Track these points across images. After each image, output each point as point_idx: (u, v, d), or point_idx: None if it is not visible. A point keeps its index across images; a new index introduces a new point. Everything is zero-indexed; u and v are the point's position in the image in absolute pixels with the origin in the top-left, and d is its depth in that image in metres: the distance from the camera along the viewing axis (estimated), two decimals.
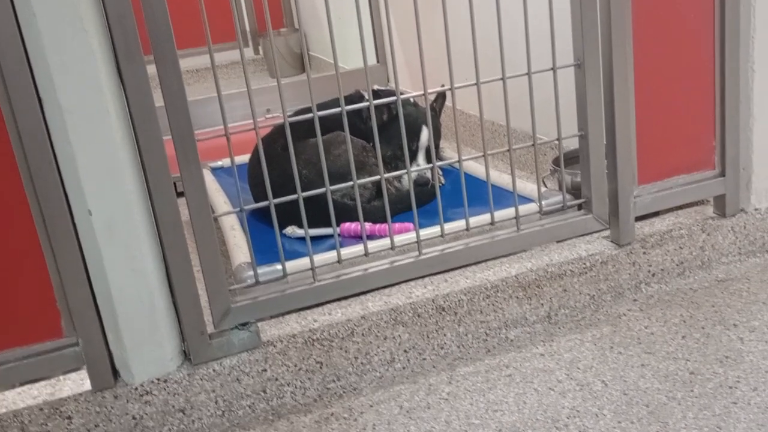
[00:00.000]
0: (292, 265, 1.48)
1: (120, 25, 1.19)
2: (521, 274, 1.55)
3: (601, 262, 1.60)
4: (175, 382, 1.35)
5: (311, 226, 1.44)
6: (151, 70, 1.22)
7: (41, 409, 1.30)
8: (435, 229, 1.54)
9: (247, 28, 4.80)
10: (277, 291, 1.43)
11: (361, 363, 1.47)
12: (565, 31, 1.51)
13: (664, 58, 1.56)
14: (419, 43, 1.41)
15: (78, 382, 1.34)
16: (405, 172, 1.52)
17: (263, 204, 1.40)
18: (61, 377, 1.36)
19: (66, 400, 1.31)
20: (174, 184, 1.29)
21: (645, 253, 1.63)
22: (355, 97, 2.06)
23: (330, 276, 1.46)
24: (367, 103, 1.45)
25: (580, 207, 1.63)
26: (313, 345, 1.42)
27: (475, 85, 1.46)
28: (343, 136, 1.81)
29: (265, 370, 1.40)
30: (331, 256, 1.50)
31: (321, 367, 1.44)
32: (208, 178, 2.24)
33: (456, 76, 1.44)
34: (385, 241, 1.52)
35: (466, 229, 1.55)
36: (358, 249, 1.50)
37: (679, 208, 1.73)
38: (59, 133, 1.19)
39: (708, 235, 1.67)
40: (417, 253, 1.50)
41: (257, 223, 1.80)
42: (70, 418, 1.31)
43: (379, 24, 3.40)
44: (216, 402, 1.38)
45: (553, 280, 1.57)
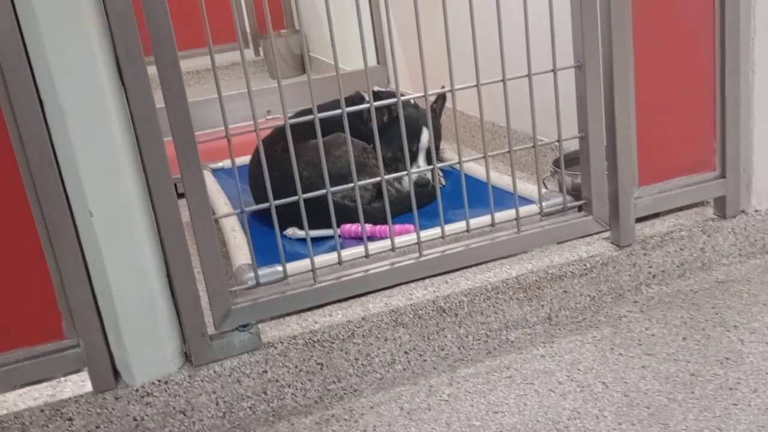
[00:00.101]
0: (292, 266, 1.48)
1: (121, 27, 1.19)
2: (522, 275, 1.55)
3: (601, 264, 1.60)
4: (175, 383, 1.35)
5: (312, 227, 1.44)
6: (151, 71, 1.23)
7: (42, 410, 1.30)
8: (435, 231, 1.54)
9: (248, 30, 4.80)
10: (277, 292, 1.43)
11: (362, 364, 1.47)
12: (566, 32, 1.51)
13: (664, 59, 1.56)
14: (419, 45, 1.41)
15: (79, 384, 1.34)
16: (405, 173, 1.52)
17: (264, 206, 1.40)
18: (62, 379, 1.36)
19: (67, 401, 1.31)
20: (174, 185, 1.29)
21: (645, 254, 1.63)
22: (355, 99, 2.06)
23: (330, 277, 1.46)
24: (367, 105, 1.45)
25: (580, 208, 1.63)
26: (313, 346, 1.43)
27: (475, 86, 1.46)
28: (344, 137, 1.81)
29: (265, 372, 1.40)
30: (332, 257, 1.50)
31: (321, 369, 1.44)
32: (209, 179, 2.24)
33: (456, 78, 1.44)
34: (386, 243, 1.52)
35: (467, 230, 1.55)
36: (358, 250, 1.50)
37: (680, 209, 1.73)
38: (60, 135, 1.19)
39: (708, 236, 1.67)
40: (417, 254, 1.50)
41: (258, 225, 1.80)
42: (71, 419, 1.31)
43: (380, 25, 3.40)
44: (217, 403, 1.38)
45: (554, 282, 1.57)
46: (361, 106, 1.50)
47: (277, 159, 1.76)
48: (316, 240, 1.66)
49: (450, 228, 1.55)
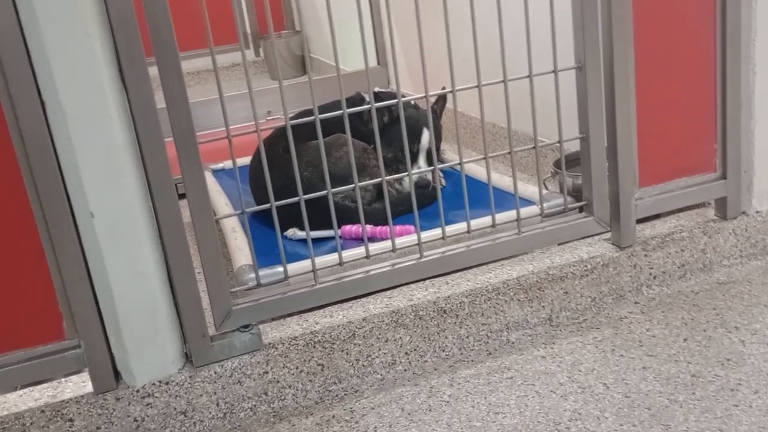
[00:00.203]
0: (293, 267, 1.48)
1: (122, 28, 1.19)
2: (522, 276, 1.55)
3: (602, 265, 1.60)
4: (176, 384, 1.35)
5: (312, 228, 1.44)
6: (152, 71, 1.23)
7: (43, 411, 1.30)
8: (436, 232, 1.54)
9: (248, 31, 4.80)
10: (278, 293, 1.43)
11: (363, 365, 1.47)
12: (566, 33, 1.51)
13: (665, 60, 1.56)
14: (420, 46, 1.41)
15: (80, 385, 1.34)
16: (406, 174, 1.52)
17: (265, 206, 1.40)
18: (62, 379, 1.36)
19: (67, 402, 1.31)
20: (175, 185, 1.29)
21: (646, 255, 1.63)
22: (355, 99, 2.06)
23: (331, 278, 1.46)
24: (368, 106, 1.45)
25: (581, 209, 1.63)
26: (314, 347, 1.42)
27: (476, 87, 1.46)
28: (344, 138, 1.81)
29: (266, 373, 1.40)
30: (333, 258, 1.50)
31: (322, 370, 1.44)
32: (210, 180, 2.24)
33: (456, 79, 1.44)
34: (386, 244, 1.52)
35: (468, 231, 1.55)
36: (359, 251, 1.50)
37: (681, 210, 1.73)
38: (61, 135, 1.19)
39: (709, 237, 1.67)
40: (418, 255, 1.50)
41: (258, 225, 1.80)
42: (71, 420, 1.31)
43: (380, 26, 3.40)
44: (217, 404, 1.38)
45: (555, 283, 1.57)
46: (362, 107, 1.50)
47: (278, 160, 1.76)
48: (316, 241, 1.66)
49: (451, 229, 1.54)
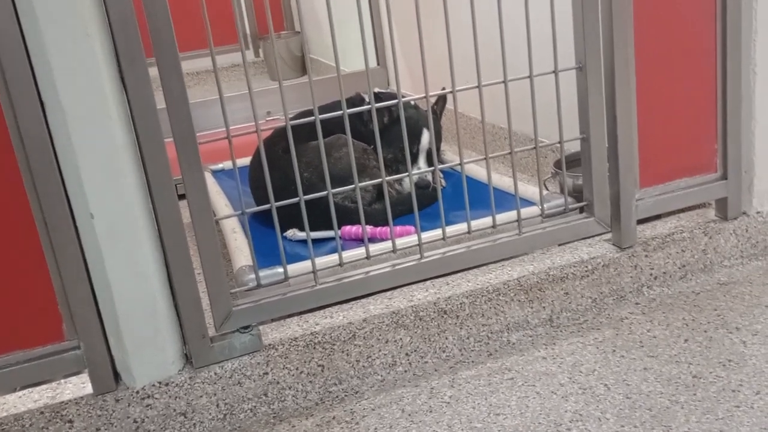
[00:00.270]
0: (293, 267, 1.48)
1: (122, 28, 1.18)
2: (523, 277, 1.54)
3: (603, 265, 1.59)
4: (176, 385, 1.35)
5: (312, 228, 1.44)
6: (152, 72, 1.22)
7: (42, 412, 1.29)
8: (436, 232, 1.54)
9: (247, 31, 4.79)
10: (278, 294, 1.42)
11: (363, 366, 1.46)
12: (567, 34, 1.51)
13: (665, 60, 1.56)
14: (421, 46, 1.41)
15: (79, 386, 1.34)
16: (406, 175, 1.51)
17: (265, 207, 1.40)
18: (62, 381, 1.36)
19: (67, 403, 1.30)
20: (175, 186, 1.29)
21: (647, 256, 1.62)
22: (355, 100, 2.05)
23: (331, 279, 1.45)
24: (368, 106, 1.45)
25: (581, 210, 1.63)
26: (314, 348, 1.42)
27: (476, 87, 1.46)
28: (344, 138, 1.80)
29: (266, 374, 1.40)
30: (333, 259, 1.50)
31: (322, 371, 1.44)
32: (209, 180, 2.24)
33: (456, 79, 1.44)
34: (387, 244, 1.52)
35: (468, 232, 1.54)
36: (359, 252, 1.50)
37: (681, 211, 1.72)
38: (61, 136, 1.19)
39: (710, 238, 1.67)
40: (418, 256, 1.50)
41: (258, 226, 1.79)
42: (71, 421, 1.31)
43: (379, 26, 3.40)
44: (217, 405, 1.38)
45: (555, 284, 1.57)
46: (362, 108, 1.49)
47: (278, 160, 1.76)
48: (316, 241, 1.65)
49: (451, 229, 1.54)
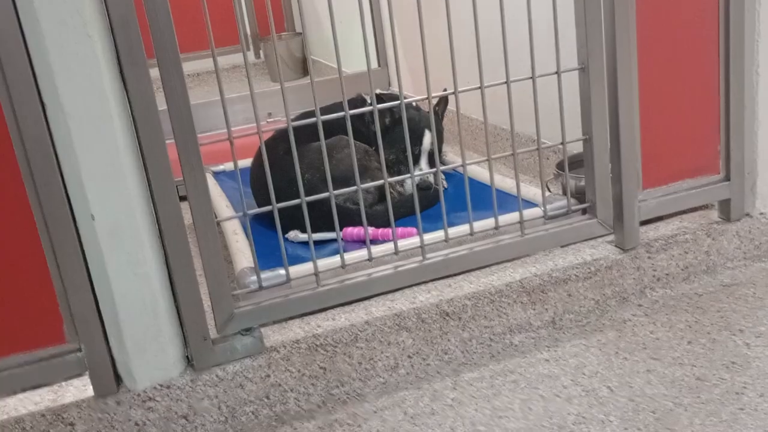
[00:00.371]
0: (295, 269, 1.47)
1: (123, 30, 1.18)
2: (525, 279, 1.54)
3: (605, 267, 1.59)
4: (178, 388, 1.34)
5: (313, 230, 1.43)
6: (153, 73, 1.22)
7: (43, 415, 1.29)
8: (438, 234, 1.53)
9: (248, 32, 4.79)
10: (280, 296, 1.42)
11: (365, 369, 1.46)
12: (569, 34, 1.50)
13: (668, 61, 1.56)
14: (423, 47, 1.40)
15: (80, 389, 1.33)
16: (408, 176, 1.51)
17: (266, 209, 1.39)
18: (63, 383, 1.35)
19: (68, 406, 1.30)
20: (176, 187, 1.28)
21: (650, 257, 1.62)
22: (356, 101, 2.05)
23: (333, 281, 1.45)
24: (370, 107, 1.45)
25: (584, 211, 1.63)
26: (316, 350, 1.42)
27: (478, 89, 1.46)
28: (346, 140, 1.80)
29: (268, 376, 1.39)
30: (335, 261, 1.49)
31: (325, 373, 1.43)
32: (210, 182, 2.23)
33: (459, 80, 1.44)
34: (389, 246, 1.51)
35: (470, 233, 1.54)
36: (361, 254, 1.49)
37: (684, 212, 1.72)
38: (62, 137, 1.18)
39: (713, 239, 1.67)
40: (421, 257, 1.49)
41: (259, 227, 1.79)
42: (72, 424, 1.30)
43: (381, 27, 3.39)
44: (219, 408, 1.37)
45: (558, 285, 1.56)
46: (364, 109, 1.49)
47: (279, 161, 1.76)
48: (318, 243, 1.65)
49: (453, 231, 1.54)
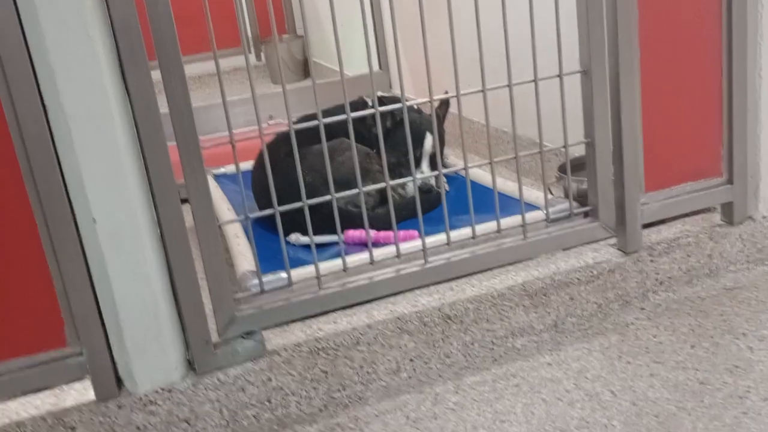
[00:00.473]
0: (297, 273, 1.47)
1: (125, 31, 1.18)
2: (528, 282, 1.53)
3: (608, 270, 1.58)
4: (179, 391, 1.33)
5: (315, 233, 1.43)
6: (154, 75, 1.21)
7: (44, 419, 1.28)
8: (440, 237, 1.53)
9: (249, 35, 4.79)
10: (282, 299, 1.41)
11: (367, 372, 1.45)
12: (572, 38, 1.50)
13: (670, 64, 1.55)
14: (425, 50, 1.40)
15: (82, 392, 1.33)
16: (410, 179, 1.51)
17: (268, 212, 1.39)
18: (64, 387, 1.34)
19: (69, 410, 1.29)
20: (178, 190, 1.28)
21: (652, 261, 1.61)
22: (358, 104, 2.05)
23: (335, 284, 1.44)
24: (371, 110, 1.44)
25: (586, 215, 1.62)
26: (318, 354, 1.41)
27: (480, 92, 1.45)
28: (347, 142, 1.80)
29: (270, 380, 1.39)
30: (336, 264, 1.49)
31: (326, 377, 1.43)
32: (211, 184, 2.22)
33: (460, 83, 1.43)
34: (391, 249, 1.51)
35: (473, 236, 1.54)
36: (363, 257, 1.49)
37: (686, 215, 1.71)
38: (63, 140, 1.18)
39: (716, 242, 1.66)
40: (423, 261, 1.49)
41: (260, 230, 1.78)
42: (73, 428, 1.30)
43: (381, 30, 3.39)
44: (220, 412, 1.37)
45: (560, 289, 1.55)
46: (365, 111, 1.49)
47: (281, 164, 1.75)
48: (319, 246, 1.64)
49: (455, 234, 1.53)
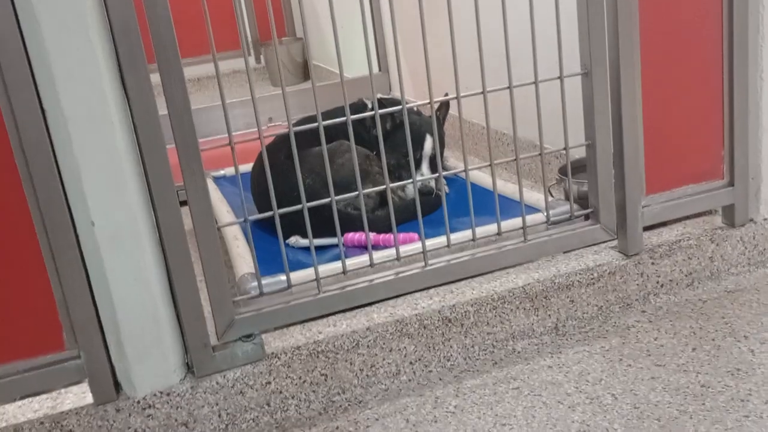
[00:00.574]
0: (296, 275, 1.46)
1: (124, 34, 1.17)
2: (528, 284, 1.53)
3: (608, 273, 1.58)
4: (178, 395, 1.33)
5: (315, 236, 1.42)
6: (154, 78, 1.21)
7: (42, 422, 1.28)
8: (441, 240, 1.52)
9: (248, 37, 4.79)
10: (281, 302, 1.41)
11: (367, 375, 1.45)
12: (572, 39, 1.49)
13: (672, 66, 1.55)
14: (425, 52, 1.39)
15: (79, 396, 1.32)
16: (410, 181, 1.50)
17: (268, 214, 1.38)
18: (62, 390, 1.34)
19: (67, 413, 1.29)
20: (176, 193, 1.28)
21: (653, 263, 1.61)
22: (358, 106, 2.04)
23: (335, 287, 1.44)
24: (371, 112, 1.44)
25: (587, 217, 1.62)
26: (317, 357, 1.40)
27: (481, 93, 1.45)
28: (347, 144, 1.79)
29: (269, 383, 1.38)
30: (336, 266, 1.48)
31: (326, 380, 1.42)
32: (211, 187, 2.22)
33: (460, 85, 1.43)
34: (391, 252, 1.51)
35: (473, 239, 1.53)
36: (363, 259, 1.48)
37: (688, 218, 1.71)
38: (62, 143, 1.17)
39: (717, 245, 1.66)
40: (423, 263, 1.49)
41: (260, 233, 1.78)
42: (71, 431, 1.29)
43: (381, 32, 3.39)
44: (219, 415, 1.36)
45: (561, 291, 1.55)
46: (365, 114, 1.48)
47: (280, 167, 1.75)
48: (319, 249, 1.64)
49: (455, 237, 1.53)
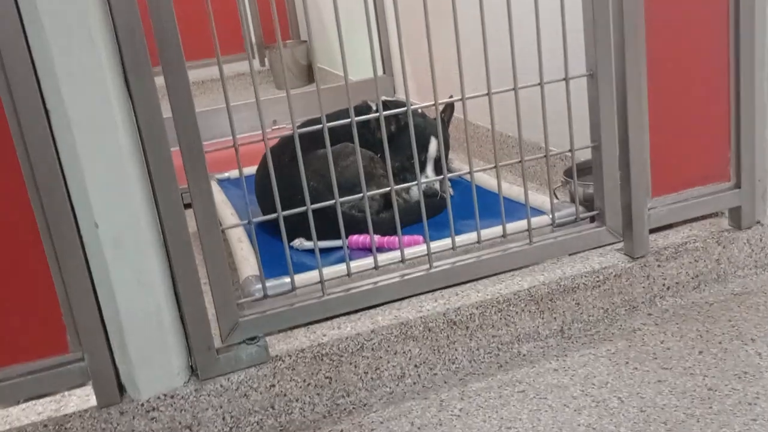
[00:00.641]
0: (300, 278, 1.46)
1: (128, 37, 1.17)
2: (533, 287, 1.52)
3: (614, 275, 1.57)
4: (182, 398, 1.33)
5: (319, 238, 1.42)
6: (158, 81, 1.21)
7: (46, 425, 1.28)
8: (446, 242, 1.51)
9: (253, 40, 4.80)
10: (285, 305, 1.40)
11: (371, 378, 1.44)
12: (578, 41, 1.49)
13: (678, 68, 1.54)
14: (430, 54, 1.39)
15: (83, 398, 1.32)
16: (414, 184, 1.50)
17: (272, 216, 1.38)
18: (66, 393, 1.34)
19: (71, 416, 1.28)
20: (181, 195, 1.27)
21: (659, 266, 1.60)
22: (362, 108, 2.04)
23: (339, 289, 1.43)
24: (375, 114, 1.44)
25: (592, 219, 1.61)
26: (322, 360, 1.40)
27: (486, 95, 1.44)
28: (351, 147, 1.79)
29: (273, 386, 1.38)
30: (341, 269, 1.48)
31: (330, 383, 1.41)
32: (215, 189, 2.22)
33: (465, 87, 1.42)
34: (395, 254, 1.50)
35: (478, 241, 1.52)
36: (367, 262, 1.48)
37: (694, 220, 1.70)
38: (66, 146, 1.17)
39: (723, 247, 1.65)
40: (428, 266, 1.48)
41: (264, 235, 1.78)
42: None
43: (386, 35, 3.39)
44: (223, 418, 1.36)
45: (566, 294, 1.54)
46: (370, 116, 1.48)
47: (284, 169, 1.74)
48: (323, 251, 1.63)
49: (460, 239, 1.52)
